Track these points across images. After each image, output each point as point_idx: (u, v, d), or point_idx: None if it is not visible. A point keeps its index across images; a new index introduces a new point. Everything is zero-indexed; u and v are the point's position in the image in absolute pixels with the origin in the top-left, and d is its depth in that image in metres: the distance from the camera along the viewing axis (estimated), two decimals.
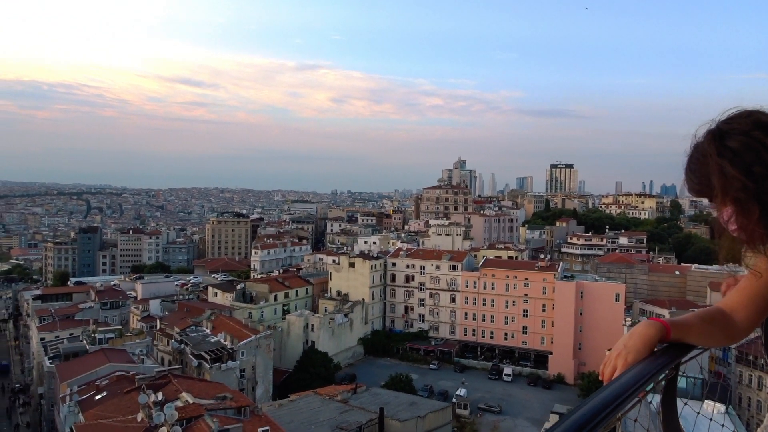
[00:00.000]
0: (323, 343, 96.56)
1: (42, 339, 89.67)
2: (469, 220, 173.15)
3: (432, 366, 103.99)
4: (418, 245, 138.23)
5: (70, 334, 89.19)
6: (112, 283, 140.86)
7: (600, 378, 2.52)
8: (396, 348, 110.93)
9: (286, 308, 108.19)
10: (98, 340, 79.01)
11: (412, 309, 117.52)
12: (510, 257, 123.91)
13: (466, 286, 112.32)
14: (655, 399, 2.72)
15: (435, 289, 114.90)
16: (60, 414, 59.39)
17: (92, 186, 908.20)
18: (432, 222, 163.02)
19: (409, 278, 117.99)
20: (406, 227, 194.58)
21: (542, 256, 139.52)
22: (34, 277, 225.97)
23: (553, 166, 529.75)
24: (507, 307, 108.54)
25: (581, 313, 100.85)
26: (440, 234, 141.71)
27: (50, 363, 73.95)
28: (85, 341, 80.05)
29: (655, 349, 2.42)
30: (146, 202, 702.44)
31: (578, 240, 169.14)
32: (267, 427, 42.37)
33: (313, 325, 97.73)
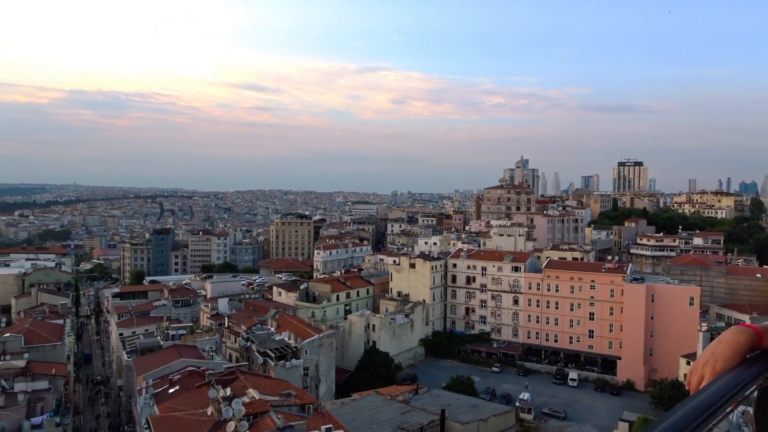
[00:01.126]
0: (384, 343, 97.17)
1: (120, 334, 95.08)
2: (531, 220, 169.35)
3: (494, 369, 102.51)
4: (480, 246, 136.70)
5: (146, 330, 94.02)
6: (184, 282, 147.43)
7: (687, 387, 2.44)
8: (457, 350, 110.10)
9: (347, 308, 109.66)
10: (171, 336, 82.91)
11: (473, 310, 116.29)
12: (575, 258, 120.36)
13: (529, 288, 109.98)
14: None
15: (497, 291, 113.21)
16: (137, 406, 62.81)
17: (165, 189, 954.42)
18: (493, 222, 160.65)
19: (470, 279, 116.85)
20: (467, 228, 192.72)
21: (609, 257, 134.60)
22: (114, 276, 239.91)
23: (621, 164, 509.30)
24: (572, 309, 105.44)
25: (652, 318, 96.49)
26: (502, 235, 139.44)
27: (128, 357, 78.31)
28: (159, 337, 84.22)
29: (747, 357, 2.31)
30: (215, 204, 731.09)
31: (649, 241, 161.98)
32: (330, 425, 43.08)
33: (374, 325, 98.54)
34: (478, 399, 74.83)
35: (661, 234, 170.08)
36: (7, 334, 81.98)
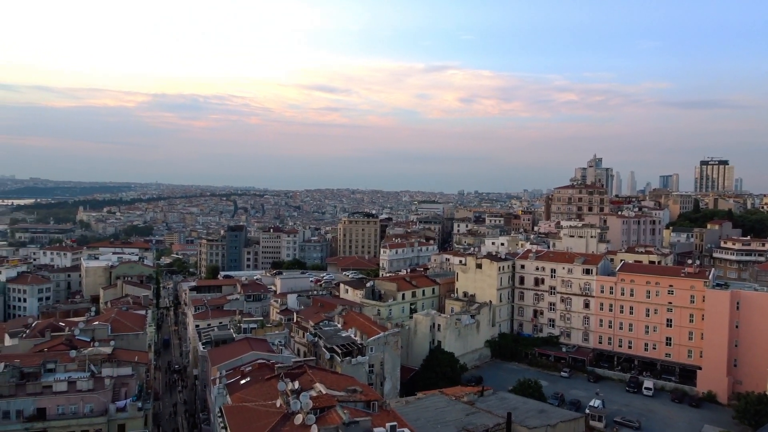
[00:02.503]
0: (449, 343, 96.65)
1: (197, 326, 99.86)
2: (605, 221, 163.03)
3: (563, 373, 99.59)
4: (549, 247, 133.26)
5: (220, 323, 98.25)
6: (255, 277, 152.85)
7: None
8: (524, 352, 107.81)
9: (413, 307, 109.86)
10: (243, 329, 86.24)
11: (541, 313, 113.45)
12: (652, 262, 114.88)
13: (602, 292, 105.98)
14: None
15: (567, 294, 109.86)
16: (211, 395, 65.81)
17: (239, 188, 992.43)
18: (564, 223, 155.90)
19: (538, 281, 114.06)
20: (536, 228, 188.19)
21: (690, 261, 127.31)
22: (191, 270, 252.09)
23: (704, 163, 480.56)
24: (648, 315, 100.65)
25: (737, 326, 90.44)
26: (573, 236, 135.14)
27: (203, 348, 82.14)
28: (232, 330, 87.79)
29: None
30: (285, 202, 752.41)
31: (734, 244, 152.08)
32: (394, 423, 43.36)
33: (439, 325, 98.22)
34: (545, 404, 72.89)
35: (749, 237, 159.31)
36: (96, 323, 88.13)
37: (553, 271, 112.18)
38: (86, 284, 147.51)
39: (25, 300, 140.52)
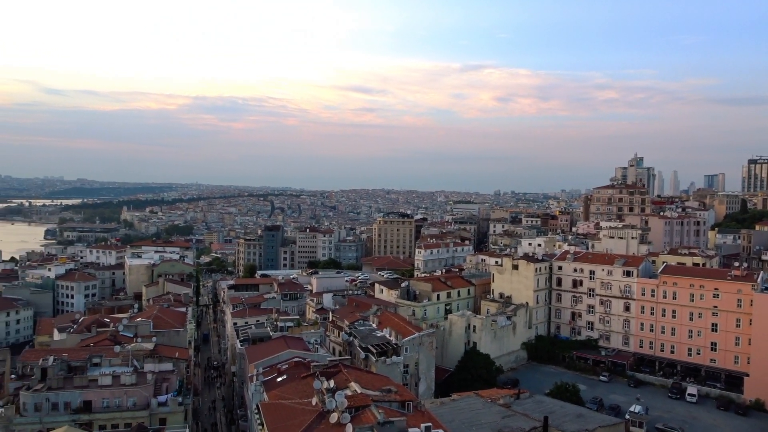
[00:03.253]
0: (485, 344, 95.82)
1: (235, 324, 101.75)
2: (646, 222, 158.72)
3: (602, 378, 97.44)
4: (587, 248, 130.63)
5: (257, 321, 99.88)
6: (292, 276, 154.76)
7: None
8: (562, 355, 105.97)
9: (448, 308, 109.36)
10: (279, 327, 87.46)
11: (579, 315, 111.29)
12: (696, 264, 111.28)
13: (643, 294, 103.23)
14: None
15: (606, 296, 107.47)
16: (248, 392, 66.97)
17: (276, 188, 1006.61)
18: (603, 224, 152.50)
19: (576, 283, 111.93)
20: (574, 229, 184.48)
21: (737, 264, 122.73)
22: (229, 268, 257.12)
23: (752, 162, 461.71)
24: (691, 319, 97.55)
25: None
26: (612, 237, 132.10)
27: (241, 345, 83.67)
28: (269, 328, 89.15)
29: None
30: (321, 202, 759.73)
31: None
32: (429, 424, 43.24)
33: (474, 326, 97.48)
34: (583, 408, 71.55)
35: None
36: (139, 319, 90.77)
37: (591, 272, 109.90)
38: (130, 282, 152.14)
39: (72, 296, 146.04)
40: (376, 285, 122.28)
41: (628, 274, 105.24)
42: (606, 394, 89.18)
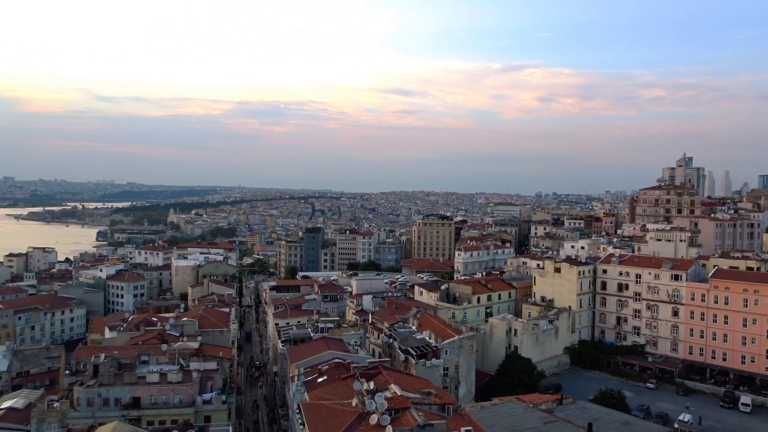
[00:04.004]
0: (526, 349, 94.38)
1: (276, 324, 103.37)
2: (696, 224, 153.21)
3: (649, 385, 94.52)
4: (633, 251, 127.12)
5: (298, 322, 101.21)
6: (332, 278, 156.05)
7: None
8: (606, 361, 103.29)
9: (488, 311, 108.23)
10: (320, 328, 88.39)
11: (625, 320, 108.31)
12: (750, 268, 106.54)
13: (692, 299, 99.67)
14: None
15: (653, 301, 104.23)
16: (289, 391, 67.97)
17: (316, 191, 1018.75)
18: (650, 226, 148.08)
19: (622, 287, 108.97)
20: (619, 231, 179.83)
21: None
22: (271, 270, 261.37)
23: None
24: (745, 325, 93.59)
25: None
26: (660, 239, 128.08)
27: (282, 346, 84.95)
28: (309, 329, 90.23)
29: None
30: (360, 205, 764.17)
31: None
32: (470, 428, 42.89)
33: (516, 330, 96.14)
34: (629, 416, 69.51)
35: None
36: (185, 319, 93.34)
37: (638, 276, 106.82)
38: (176, 282, 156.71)
39: (122, 296, 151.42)
40: (416, 287, 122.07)
41: (676, 278, 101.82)
42: (653, 402, 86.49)
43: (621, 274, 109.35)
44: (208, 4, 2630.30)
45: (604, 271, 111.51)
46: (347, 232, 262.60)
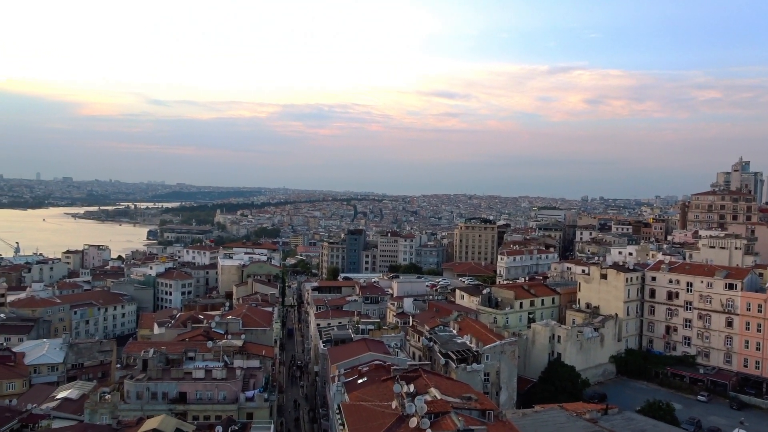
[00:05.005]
0: (570, 356, 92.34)
1: (318, 325, 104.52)
2: (752, 231, 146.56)
3: (700, 397, 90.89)
4: (684, 258, 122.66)
5: (339, 323, 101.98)
6: (373, 280, 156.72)
7: None
8: (654, 371, 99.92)
9: (531, 316, 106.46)
10: (361, 330, 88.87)
11: (675, 330, 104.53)
12: None
13: (748, 310, 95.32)
14: None
15: (705, 310, 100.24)
16: (330, 392, 68.61)
17: (358, 193, 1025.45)
18: (702, 233, 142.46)
19: (672, 295, 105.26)
20: (669, 238, 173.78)
21: None
22: (313, 271, 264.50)
23: None
24: None
25: None
26: (713, 247, 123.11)
27: (324, 346, 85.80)
28: (350, 330, 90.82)
29: None
30: (402, 207, 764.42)
31: None
32: None
33: (559, 337, 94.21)
34: (679, 429, 67.19)
35: None
36: (230, 317, 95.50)
37: (689, 284, 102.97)
38: (221, 281, 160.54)
39: (170, 293, 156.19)
40: (457, 291, 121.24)
41: (731, 287, 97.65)
42: (704, 416, 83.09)
43: (671, 281, 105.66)
44: (255, 10, 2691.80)
45: (653, 279, 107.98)
46: (389, 234, 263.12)
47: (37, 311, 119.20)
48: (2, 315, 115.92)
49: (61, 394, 70.28)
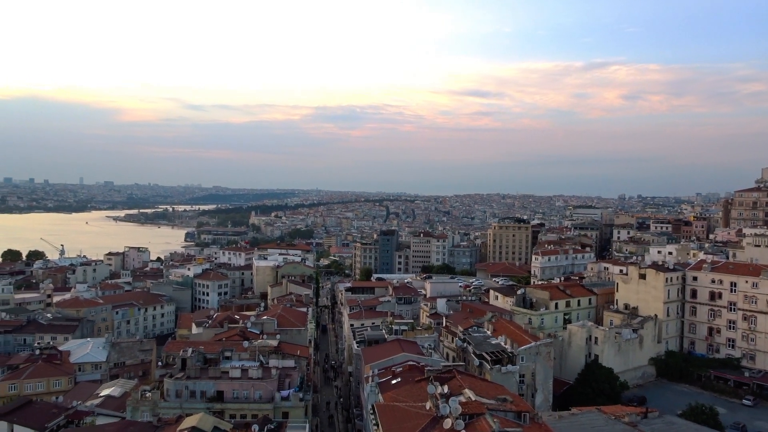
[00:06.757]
0: (608, 358, 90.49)
1: (351, 325, 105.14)
2: None
3: (745, 401, 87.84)
4: (728, 258, 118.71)
5: (373, 323, 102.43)
6: (406, 280, 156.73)
7: None
8: (696, 374, 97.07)
9: (567, 317, 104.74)
10: (394, 330, 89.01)
11: (718, 331, 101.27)
12: None
13: None
14: None
15: (750, 311, 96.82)
16: (364, 392, 68.89)
17: (391, 194, 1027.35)
18: (746, 231, 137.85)
19: (714, 295, 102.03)
20: (712, 236, 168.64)
21: None
22: (346, 271, 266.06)
23: None
24: None
25: None
26: (758, 245, 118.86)
27: (357, 346, 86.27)
28: (384, 331, 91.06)
29: None
30: (435, 207, 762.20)
31: None
32: None
33: (596, 338, 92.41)
34: None
35: None
36: (265, 317, 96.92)
37: (733, 284, 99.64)
38: (257, 282, 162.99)
39: (207, 294, 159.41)
40: (491, 291, 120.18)
41: None
42: (750, 421, 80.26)
43: (713, 281, 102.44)
44: (287, 15, 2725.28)
45: (695, 279, 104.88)
46: (421, 234, 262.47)
47: (81, 311, 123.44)
48: (49, 315, 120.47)
49: (104, 392, 72.57)
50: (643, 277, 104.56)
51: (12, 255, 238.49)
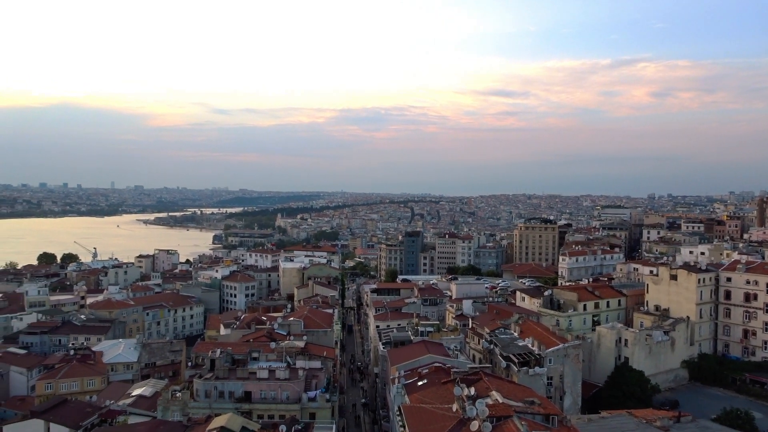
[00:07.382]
0: (638, 360, 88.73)
1: (377, 326, 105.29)
2: None
3: None
4: (763, 258, 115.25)
5: (398, 325, 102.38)
6: (431, 282, 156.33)
7: None
8: (731, 377, 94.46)
9: (595, 319, 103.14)
10: (420, 332, 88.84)
11: (753, 334, 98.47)
12: None
13: None
14: None
15: None
16: (390, 393, 68.93)
17: (415, 195, 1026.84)
18: None
19: (749, 297, 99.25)
20: (746, 236, 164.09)
21: None
22: (371, 273, 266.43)
23: None
24: None
25: None
26: None
27: (383, 348, 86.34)
28: (409, 332, 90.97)
29: None
30: (459, 208, 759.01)
31: None
32: None
33: (626, 340, 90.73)
34: None
35: None
36: (291, 319, 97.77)
37: None
38: (283, 283, 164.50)
39: (235, 295, 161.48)
40: (518, 293, 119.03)
41: None
42: None
43: (748, 282, 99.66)
44: (311, 18, 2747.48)
45: (728, 279, 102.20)
46: (446, 235, 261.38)
47: (113, 313, 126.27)
48: (83, 316, 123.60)
49: (136, 392, 74.11)
50: (674, 278, 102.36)
51: (47, 258, 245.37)
